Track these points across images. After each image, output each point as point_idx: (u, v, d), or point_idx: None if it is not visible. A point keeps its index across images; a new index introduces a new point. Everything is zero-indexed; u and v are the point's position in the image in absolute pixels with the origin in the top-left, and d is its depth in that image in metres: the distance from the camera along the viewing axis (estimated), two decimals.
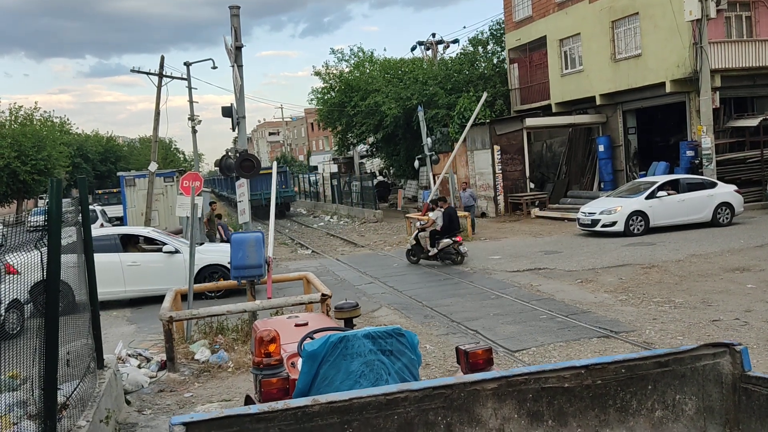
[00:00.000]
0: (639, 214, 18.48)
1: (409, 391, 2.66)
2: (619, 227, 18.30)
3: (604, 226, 18.51)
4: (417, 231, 17.11)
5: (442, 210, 16.54)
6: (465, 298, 12.24)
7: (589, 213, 19.25)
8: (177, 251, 13.72)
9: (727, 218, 18.96)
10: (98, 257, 12.90)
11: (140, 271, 13.59)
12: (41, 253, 4.76)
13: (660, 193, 18.65)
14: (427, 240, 16.75)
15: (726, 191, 19.28)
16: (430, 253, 16.40)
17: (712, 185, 19.37)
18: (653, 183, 19.37)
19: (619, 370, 2.90)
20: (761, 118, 22.66)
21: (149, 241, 14.50)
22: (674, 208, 18.55)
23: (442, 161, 26.89)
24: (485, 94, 24.85)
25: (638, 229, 18.35)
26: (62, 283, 5.12)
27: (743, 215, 19.62)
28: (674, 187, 19.17)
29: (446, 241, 16.01)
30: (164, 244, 14.02)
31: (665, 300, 10.66)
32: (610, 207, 18.90)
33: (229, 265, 10.12)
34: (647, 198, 18.59)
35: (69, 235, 5.92)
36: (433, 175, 24.91)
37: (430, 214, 17.45)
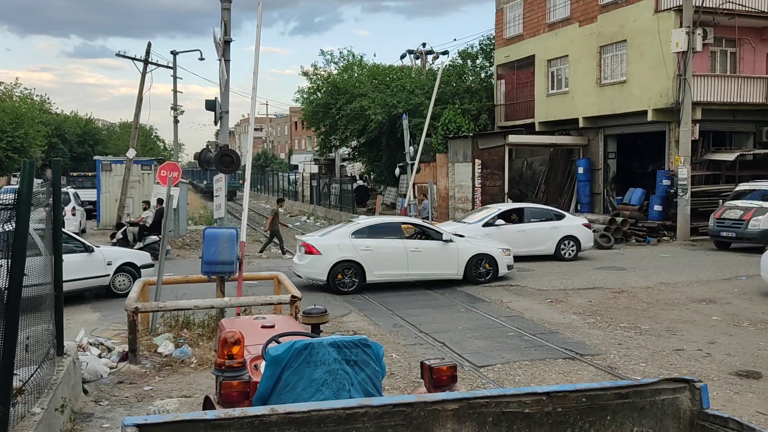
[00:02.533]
0: None
1: (369, 407, 2.64)
2: None
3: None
4: (127, 224, 19.64)
5: (155, 209, 18.80)
6: (435, 309, 12.25)
7: None
8: (451, 240, 14.65)
9: (571, 252, 18.04)
10: (386, 242, 14.13)
11: (421, 256, 14.42)
12: (7, 234, 4.68)
13: (499, 222, 17.80)
14: (135, 234, 19.04)
15: (573, 224, 18.46)
16: (134, 246, 17.70)
17: (559, 217, 18.64)
18: (496, 209, 18.62)
19: (580, 399, 2.91)
20: (738, 153, 23.08)
21: (421, 230, 15.21)
22: (513, 238, 17.14)
23: (422, 171, 27.07)
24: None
25: None
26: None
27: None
28: (519, 215, 18.47)
29: (153, 237, 17.91)
30: (441, 233, 14.91)
31: (632, 326, 10.76)
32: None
33: None
34: (484, 225, 17.56)
35: (39, 219, 5.82)
36: (413, 184, 24.97)
37: (143, 213, 20.03)
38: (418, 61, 39.42)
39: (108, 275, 13.03)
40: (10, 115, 37.64)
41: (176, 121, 35.42)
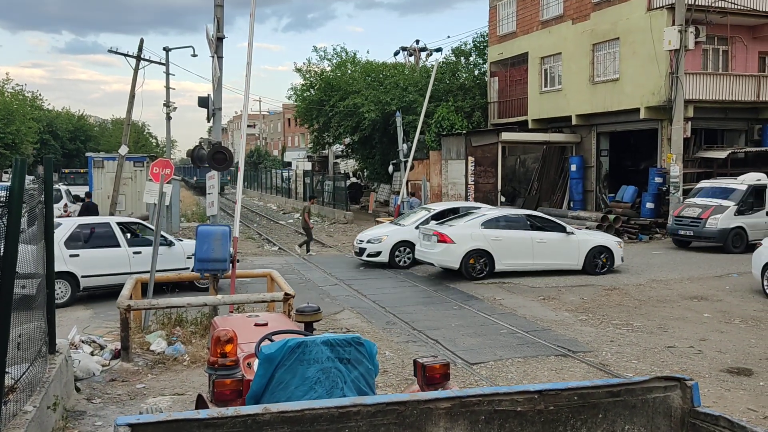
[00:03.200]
0: (406, 244, 16.81)
1: (362, 406, 2.64)
2: (384, 258, 16.72)
3: (369, 255, 16.87)
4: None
5: (84, 204, 19.71)
6: (428, 307, 12.27)
7: (359, 240, 17.61)
8: (573, 233, 15.33)
9: None
10: (514, 233, 15.15)
11: (545, 247, 15.09)
12: None
13: (432, 223, 16.86)
14: None
15: None
16: None
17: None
18: (432, 210, 18.04)
19: (572, 397, 2.92)
20: (730, 151, 23.17)
21: (544, 222, 15.75)
22: None
23: (415, 168, 27.11)
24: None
25: (405, 261, 16.81)
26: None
27: None
28: (454, 215, 17.43)
29: None
30: (564, 226, 15.58)
31: (624, 323, 10.81)
32: (379, 235, 17.38)
33: None
34: (417, 227, 16.79)
35: (31, 214, 5.79)
36: (407, 182, 24.99)
37: (70, 207, 21.13)
38: (412, 59, 39.40)
39: (188, 268, 13.15)
40: (1, 112, 37.45)
41: (169, 118, 35.28)
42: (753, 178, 19.89)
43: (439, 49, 38.57)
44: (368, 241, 17.25)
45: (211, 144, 10.56)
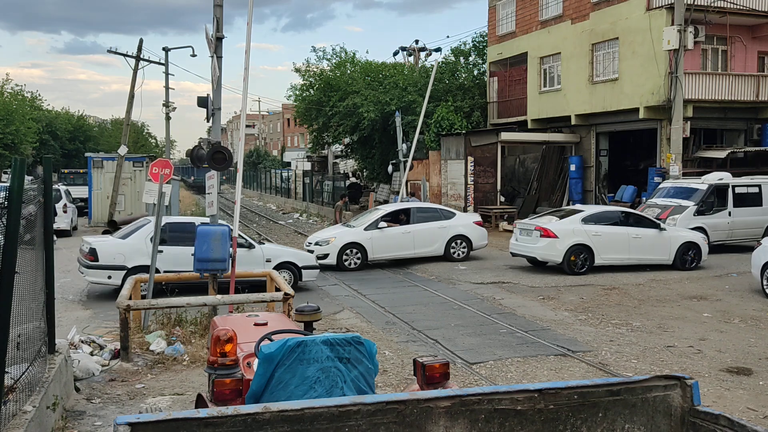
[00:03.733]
0: (355, 246, 16.66)
1: (362, 404, 2.64)
2: (332, 260, 16.38)
3: (317, 258, 15.79)
4: None
5: None
6: (428, 306, 12.27)
7: (308, 243, 17.36)
8: (665, 229, 15.92)
9: (462, 252, 17.56)
10: (612, 228, 15.75)
11: (640, 242, 15.67)
12: None
13: (382, 224, 17.06)
14: None
15: (463, 223, 17.94)
16: None
17: (448, 216, 17.98)
18: (381, 212, 17.94)
19: (572, 396, 2.92)
20: (729, 151, 23.17)
21: (638, 218, 16.34)
22: (398, 241, 16.90)
23: (414, 168, 27.11)
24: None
25: (354, 264, 16.59)
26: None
27: None
28: (407, 216, 17.72)
29: None
30: (657, 222, 16.11)
31: (623, 322, 10.81)
32: (327, 237, 17.19)
33: None
34: (366, 229, 16.79)
35: (30, 215, 5.79)
36: (406, 182, 24.98)
37: None
38: (411, 59, 39.39)
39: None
40: (0, 112, 37.43)
41: (168, 118, 35.27)
42: (715, 177, 19.64)
43: (438, 49, 38.58)
44: (316, 243, 16.96)
45: (211, 144, 10.55)
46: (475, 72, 35.35)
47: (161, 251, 12.27)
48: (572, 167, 26.42)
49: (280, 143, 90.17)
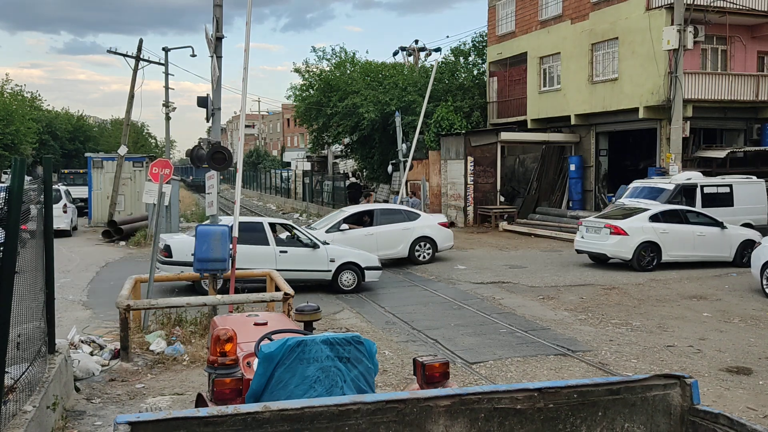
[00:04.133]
0: None
1: (362, 404, 2.64)
2: None
3: None
4: None
5: None
6: (428, 306, 12.27)
7: None
8: (727, 227, 16.33)
9: (427, 254, 17.24)
10: (677, 226, 16.13)
11: (704, 240, 16.16)
12: None
13: (344, 227, 16.79)
14: None
15: (427, 224, 17.61)
16: None
17: (412, 218, 17.66)
18: (344, 213, 17.67)
19: (572, 395, 2.92)
20: (728, 151, 23.18)
21: (701, 216, 16.76)
22: (361, 243, 16.24)
23: (414, 168, 27.11)
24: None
25: None
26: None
27: None
28: (371, 218, 17.49)
29: None
30: (719, 221, 16.46)
31: (623, 322, 10.82)
32: None
33: None
34: (328, 231, 16.37)
35: (31, 215, 5.79)
36: (406, 181, 24.99)
37: None
38: (411, 59, 39.39)
39: (330, 271, 13.73)
40: (0, 112, 37.42)
41: (168, 118, 35.26)
42: (683, 177, 19.46)
43: (438, 49, 38.59)
44: None
45: (210, 144, 10.55)
46: (475, 72, 35.37)
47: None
48: (572, 167, 26.42)
49: (280, 143, 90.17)
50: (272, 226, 14.24)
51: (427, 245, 17.38)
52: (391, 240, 17.05)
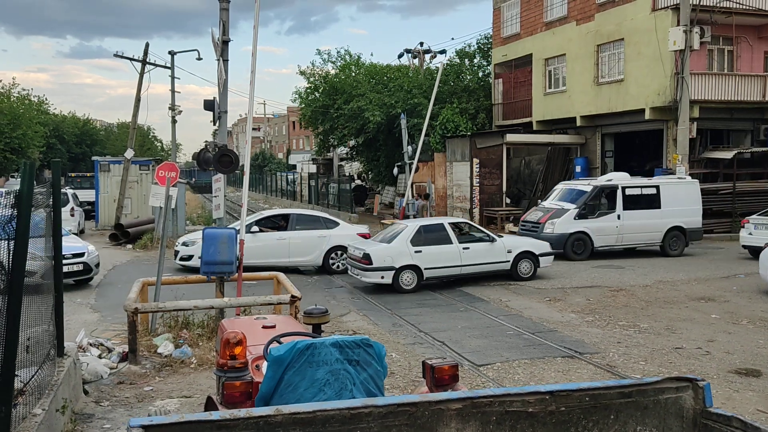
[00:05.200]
0: None
1: (374, 407, 2.64)
2: (195, 262, 15.70)
3: (181, 259, 16.13)
4: None
5: None
6: (434, 309, 12.26)
7: (177, 243, 17.08)
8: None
9: (342, 265, 16.42)
10: None
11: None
12: (8, 236, 4.67)
13: (254, 229, 16.30)
14: None
15: (345, 234, 16.88)
16: None
17: (330, 225, 17.17)
18: (257, 215, 17.40)
19: (584, 398, 2.91)
20: (736, 152, 23.10)
21: None
22: (272, 247, 16.04)
23: (420, 170, 27.11)
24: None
25: None
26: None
27: None
28: (286, 222, 16.94)
29: None
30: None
31: (630, 324, 10.78)
32: (194, 238, 16.45)
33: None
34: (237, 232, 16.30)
35: (39, 218, 5.81)
36: (411, 184, 24.99)
37: None
38: (416, 61, 39.37)
39: (508, 261, 14.79)
40: (7, 116, 37.58)
41: (174, 121, 35.40)
42: (604, 178, 19.19)
43: (443, 51, 38.56)
44: (183, 244, 16.59)
45: (217, 147, 10.58)
46: (480, 74, 35.35)
47: (420, 251, 13.97)
48: (578, 168, 26.36)
49: (286, 146, 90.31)
50: (452, 225, 14.99)
51: (343, 255, 16.45)
52: (305, 247, 16.43)
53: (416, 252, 14.01)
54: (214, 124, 12.31)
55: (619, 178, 19.06)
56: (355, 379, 3.82)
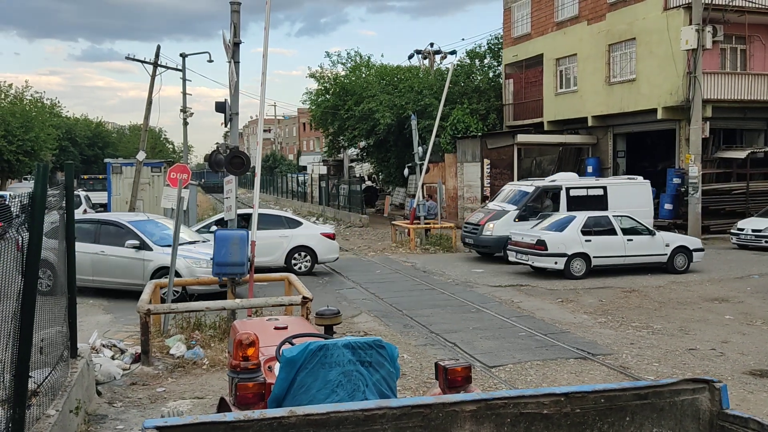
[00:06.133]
0: None
1: (388, 408, 2.63)
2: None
3: None
4: None
5: None
6: (445, 309, 12.23)
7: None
8: None
9: (306, 265, 16.18)
10: None
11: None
12: (22, 237, 4.69)
13: (213, 228, 15.88)
14: None
15: (308, 233, 16.49)
16: None
17: (293, 225, 16.78)
18: (217, 216, 16.95)
19: (599, 400, 2.89)
20: (749, 151, 22.92)
21: None
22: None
23: (430, 171, 27.04)
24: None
25: None
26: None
27: None
28: (247, 222, 15.59)
29: None
30: None
31: (644, 325, 10.71)
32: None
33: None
34: (199, 231, 15.88)
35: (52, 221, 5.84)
36: (422, 185, 24.95)
37: None
38: (426, 62, 39.34)
39: (666, 254, 15.57)
40: (20, 119, 37.89)
41: (185, 123, 35.55)
42: (549, 179, 18.79)
43: (453, 52, 38.50)
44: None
45: (228, 148, 10.60)
46: (491, 74, 35.27)
47: (589, 240, 15.00)
48: (589, 169, 26.24)
49: (296, 147, 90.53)
50: (616, 217, 15.72)
51: (307, 256, 16.26)
52: (266, 247, 15.54)
53: (586, 241, 15.06)
54: (226, 126, 12.35)
55: (563, 179, 18.57)
56: (367, 381, 3.81)
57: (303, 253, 16.39)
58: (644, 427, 2.95)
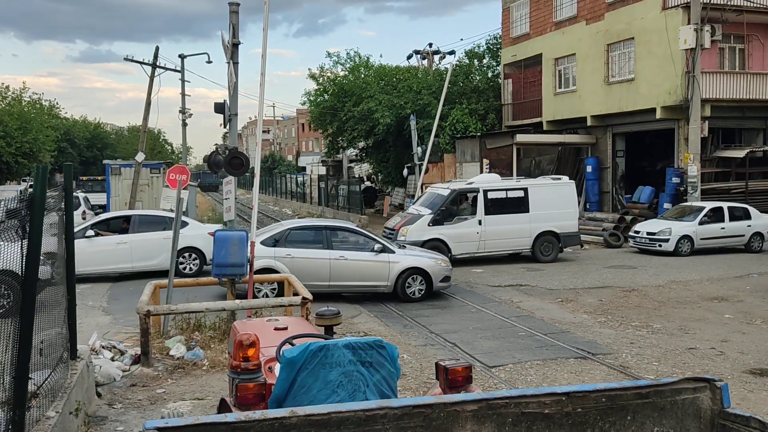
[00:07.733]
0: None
1: (389, 408, 2.63)
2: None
3: None
4: None
5: None
6: (445, 310, 12.22)
7: None
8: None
9: (193, 267, 15.64)
10: None
11: None
12: (21, 239, 4.68)
13: (89, 233, 15.15)
14: None
15: (195, 234, 15.69)
16: None
17: (180, 225, 15.83)
18: (95, 219, 16.39)
19: (600, 399, 2.89)
20: (748, 150, 22.94)
21: None
22: (111, 253, 15.00)
23: (430, 171, 27.05)
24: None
25: None
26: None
27: None
28: (128, 224, 15.86)
29: None
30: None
31: (643, 324, 10.71)
32: None
33: None
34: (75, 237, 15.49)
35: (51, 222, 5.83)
36: (421, 185, 24.96)
37: None
38: (425, 62, 39.34)
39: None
40: (18, 121, 37.87)
41: (184, 125, 35.55)
42: (467, 181, 18.36)
43: (452, 52, 38.49)
44: None
45: (228, 149, 10.60)
46: (490, 74, 35.29)
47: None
48: (588, 168, 26.26)
49: (295, 148, 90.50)
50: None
51: (195, 258, 15.49)
52: (150, 250, 15.08)
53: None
54: (225, 127, 12.36)
55: (481, 181, 17.99)
56: (368, 381, 3.81)
57: (190, 255, 15.53)
58: (645, 426, 2.95)
